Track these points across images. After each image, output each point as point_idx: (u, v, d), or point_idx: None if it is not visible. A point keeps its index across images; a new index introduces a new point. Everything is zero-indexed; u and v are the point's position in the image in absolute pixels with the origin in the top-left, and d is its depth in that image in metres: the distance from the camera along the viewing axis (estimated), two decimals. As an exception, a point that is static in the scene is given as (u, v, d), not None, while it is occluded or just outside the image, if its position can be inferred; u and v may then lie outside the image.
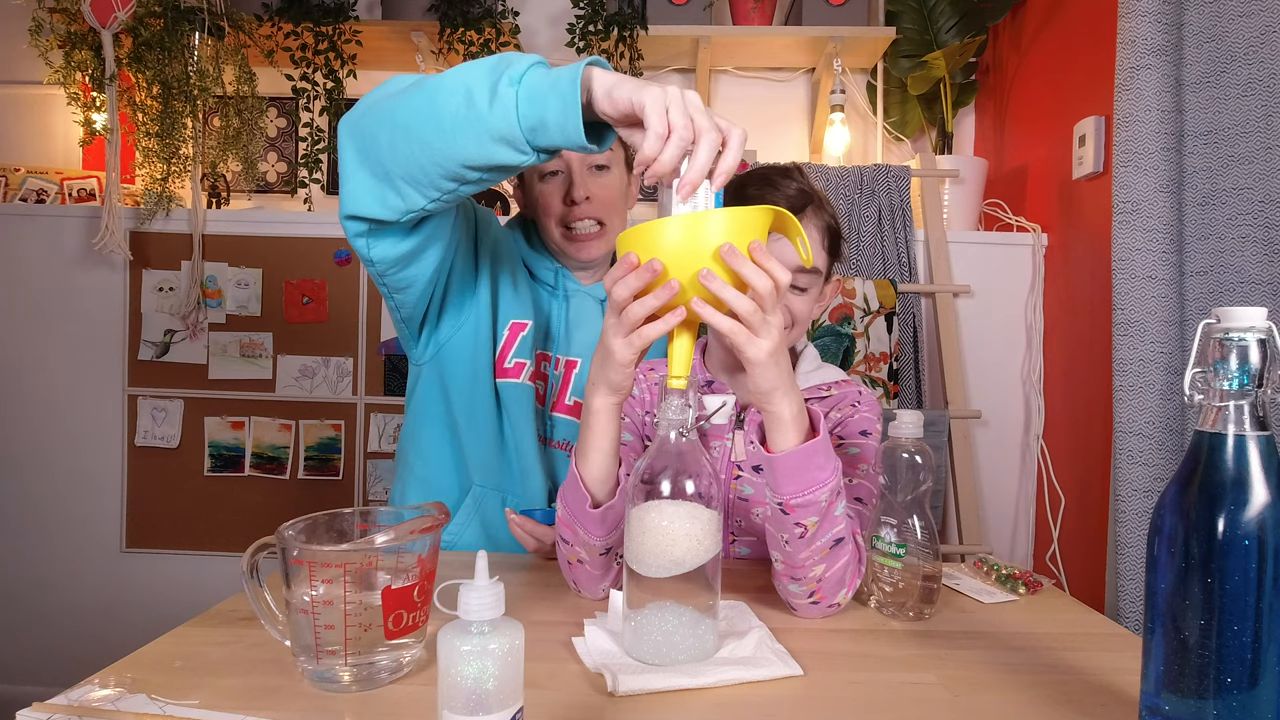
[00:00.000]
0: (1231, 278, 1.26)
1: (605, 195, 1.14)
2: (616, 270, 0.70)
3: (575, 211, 1.12)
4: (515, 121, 0.74)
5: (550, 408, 1.16)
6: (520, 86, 0.74)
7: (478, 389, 1.10)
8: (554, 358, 1.17)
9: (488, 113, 0.75)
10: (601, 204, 1.13)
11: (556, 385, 1.16)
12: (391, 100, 0.83)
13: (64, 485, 2.05)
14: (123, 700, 0.60)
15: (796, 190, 0.94)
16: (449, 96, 0.78)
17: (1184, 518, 0.53)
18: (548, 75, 0.74)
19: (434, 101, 0.79)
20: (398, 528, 0.69)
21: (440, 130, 0.78)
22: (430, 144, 0.80)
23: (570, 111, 0.72)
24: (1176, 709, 0.53)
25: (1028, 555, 2.00)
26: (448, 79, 0.79)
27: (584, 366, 1.17)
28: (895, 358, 1.92)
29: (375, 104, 0.85)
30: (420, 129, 0.80)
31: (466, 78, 0.77)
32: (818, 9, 2.10)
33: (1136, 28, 1.31)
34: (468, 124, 0.77)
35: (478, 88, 0.76)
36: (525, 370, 1.12)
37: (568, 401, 1.17)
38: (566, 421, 1.17)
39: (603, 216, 1.14)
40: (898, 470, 0.83)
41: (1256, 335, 0.52)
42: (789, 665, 0.69)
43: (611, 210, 1.15)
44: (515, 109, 0.74)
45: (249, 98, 2.07)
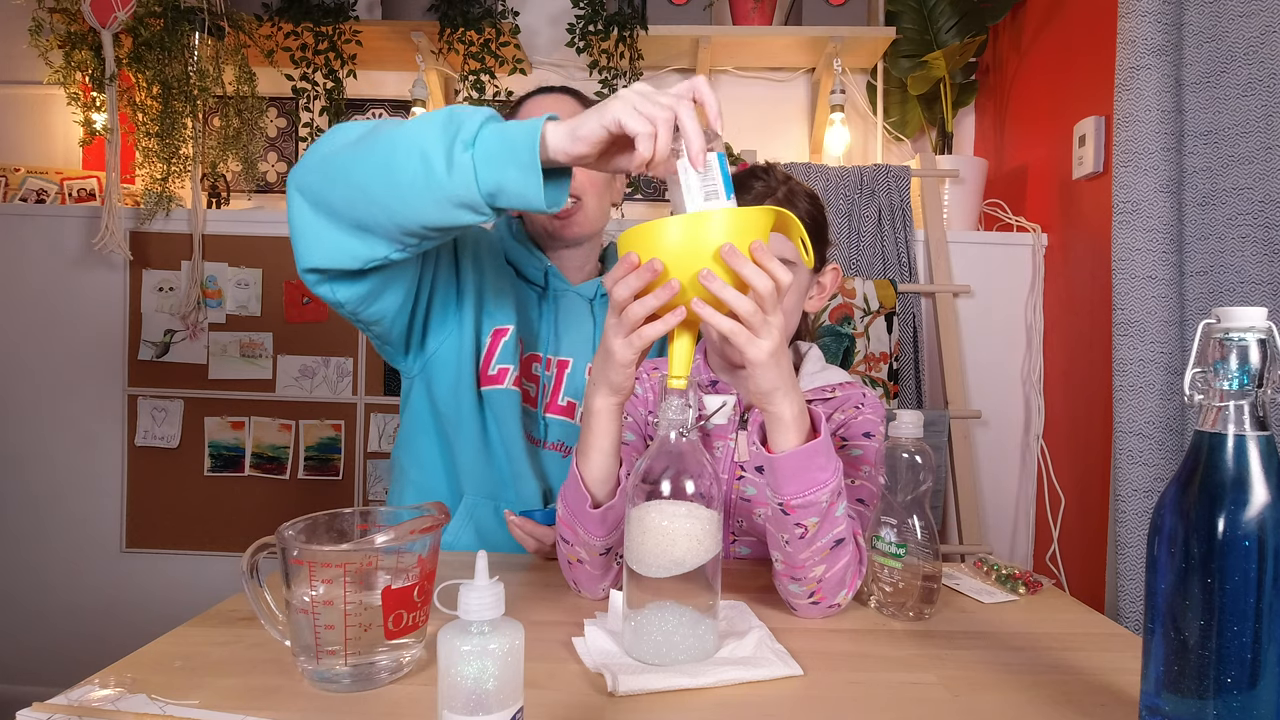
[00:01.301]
0: (1231, 278, 1.26)
1: (579, 173, 1.12)
2: (617, 270, 0.70)
3: None
4: (475, 188, 0.76)
5: (543, 409, 1.16)
6: (475, 151, 0.75)
7: (463, 399, 1.11)
8: (544, 358, 1.16)
9: (446, 180, 0.76)
10: (580, 178, 1.13)
11: (548, 386, 1.16)
12: (343, 157, 0.82)
13: (64, 485, 2.05)
14: (123, 700, 0.60)
15: (761, 188, 0.96)
16: (405, 160, 0.78)
17: (1184, 518, 0.53)
18: (502, 138, 0.75)
19: (389, 165, 0.79)
20: (398, 528, 0.69)
21: (399, 195, 0.79)
22: (389, 206, 0.80)
23: (530, 180, 0.74)
24: (1176, 709, 0.53)
25: (1028, 555, 2.00)
26: (400, 139, 0.78)
27: (575, 366, 1.17)
28: (895, 358, 1.92)
29: (326, 160, 0.84)
30: (377, 192, 0.80)
31: (420, 140, 0.77)
32: (818, 9, 2.10)
33: (1136, 28, 1.31)
34: (427, 190, 0.77)
35: (433, 152, 0.76)
36: (509, 375, 1.12)
37: (560, 402, 1.16)
38: (559, 422, 1.16)
39: (579, 192, 1.14)
40: (898, 470, 0.83)
41: (1256, 335, 0.52)
42: (789, 665, 0.69)
43: (588, 187, 1.15)
44: (474, 176, 0.75)
45: (249, 98, 2.07)
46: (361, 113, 2.41)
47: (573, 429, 1.16)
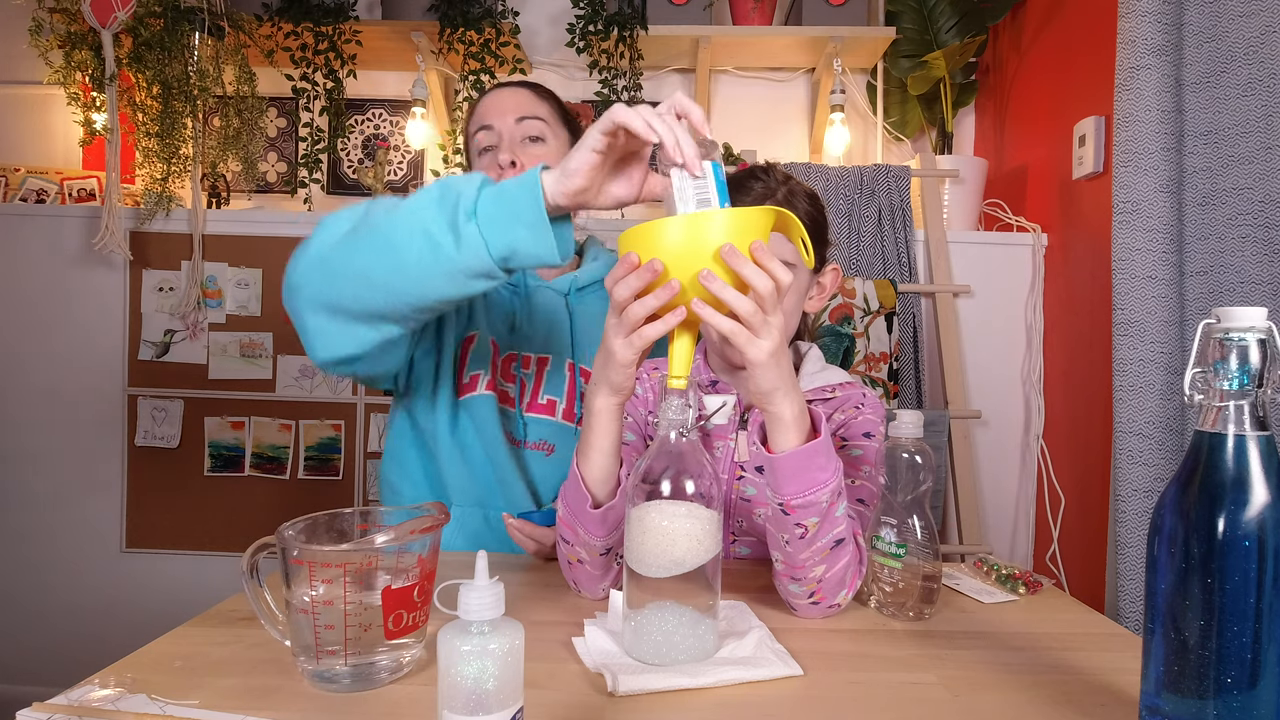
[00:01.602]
0: (1231, 278, 1.26)
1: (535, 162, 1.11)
2: (617, 270, 0.70)
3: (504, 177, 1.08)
4: (486, 256, 0.76)
5: (523, 408, 1.15)
6: (479, 219, 0.75)
7: (440, 412, 1.11)
8: (521, 356, 1.16)
9: (456, 254, 0.76)
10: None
11: (529, 385, 1.15)
12: (342, 253, 0.82)
13: (64, 485, 2.05)
14: (123, 700, 0.60)
15: (761, 188, 0.96)
16: (408, 241, 0.77)
17: (1184, 518, 0.53)
18: (503, 200, 0.75)
19: (393, 250, 0.78)
20: (398, 528, 0.69)
21: (409, 278, 0.79)
22: (401, 291, 0.81)
23: (541, 237, 0.75)
24: (1176, 709, 0.53)
25: (1028, 555, 2.00)
26: (398, 223, 0.78)
27: (554, 364, 1.16)
28: (895, 358, 1.92)
29: (324, 260, 0.84)
30: (386, 279, 0.80)
31: (420, 219, 0.77)
32: (818, 9, 2.10)
33: (1136, 28, 1.31)
34: (437, 267, 0.78)
35: (436, 228, 0.76)
36: (482, 380, 1.12)
37: (541, 400, 1.15)
38: (540, 421, 1.15)
39: None
40: (898, 470, 0.83)
41: (1256, 335, 0.52)
42: (789, 665, 0.69)
43: None
44: (484, 245, 0.75)
45: (249, 98, 2.07)
46: (361, 112, 2.41)
47: (555, 427, 1.15)
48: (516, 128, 1.14)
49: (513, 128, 1.14)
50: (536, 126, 1.15)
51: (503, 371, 1.15)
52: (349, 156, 2.42)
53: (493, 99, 1.17)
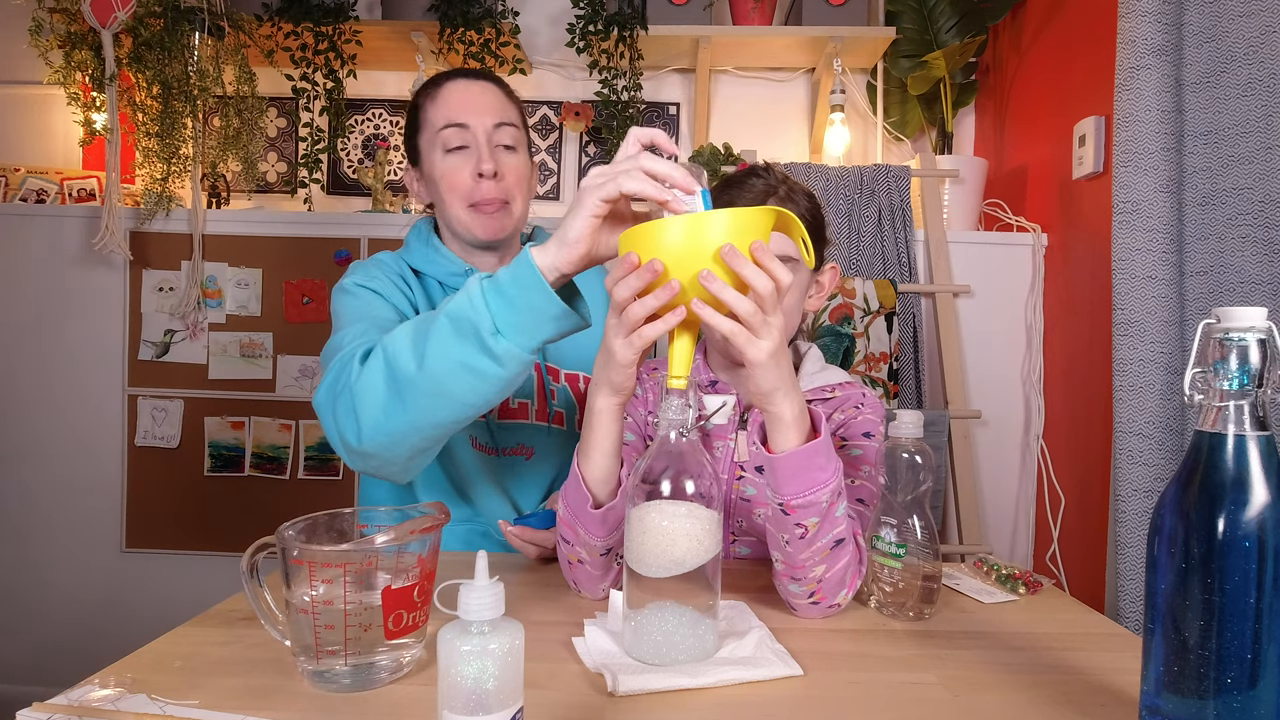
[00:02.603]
0: (1231, 278, 1.26)
1: (514, 175, 1.10)
2: (617, 270, 0.70)
3: (483, 186, 1.07)
4: (526, 358, 0.78)
5: (495, 416, 1.13)
6: (504, 335, 0.77)
7: None
8: None
9: (504, 372, 0.79)
10: (512, 182, 1.10)
11: None
12: (399, 414, 0.83)
13: (64, 485, 2.05)
14: (123, 700, 0.60)
15: (762, 186, 0.96)
16: (455, 382, 0.80)
17: (1184, 518, 0.53)
18: (516, 309, 0.76)
19: (445, 394, 0.81)
20: (398, 528, 0.69)
21: (471, 407, 0.82)
22: (465, 418, 0.84)
23: (565, 322, 0.77)
24: (1176, 709, 0.53)
25: (1028, 555, 2.00)
26: (437, 370, 0.79)
27: None
28: (895, 358, 1.92)
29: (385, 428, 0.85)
30: (451, 417, 0.83)
31: (453, 358, 0.78)
32: (818, 9, 2.10)
33: (1136, 28, 1.31)
34: (492, 389, 0.80)
35: (473, 360, 0.78)
36: None
37: (511, 405, 1.14)
38: (513, 426, 1.13)
39: (510, 195, 1.10)
40: (898, 470, 0.83)
41: (1256, 335, 0.52)
42: (789, 665, 0.69)
43: (517, 190, 1.11)
44: (520, 351, 0.77)
45: (249, 98, 2.07)
46: (361, 112, 2.41)
47: (530, 429, 1.14)
48: (494, 132, 1.09)
49: (490, 131, 1.08)
50: (511, 134, 1.10)
51: None
52: (349, 156, 2.42)
53: (464, 94, 1.10)
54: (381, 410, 0.84)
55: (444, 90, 1.10)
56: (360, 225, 2.05)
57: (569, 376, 1.18)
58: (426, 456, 0.92)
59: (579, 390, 1.18)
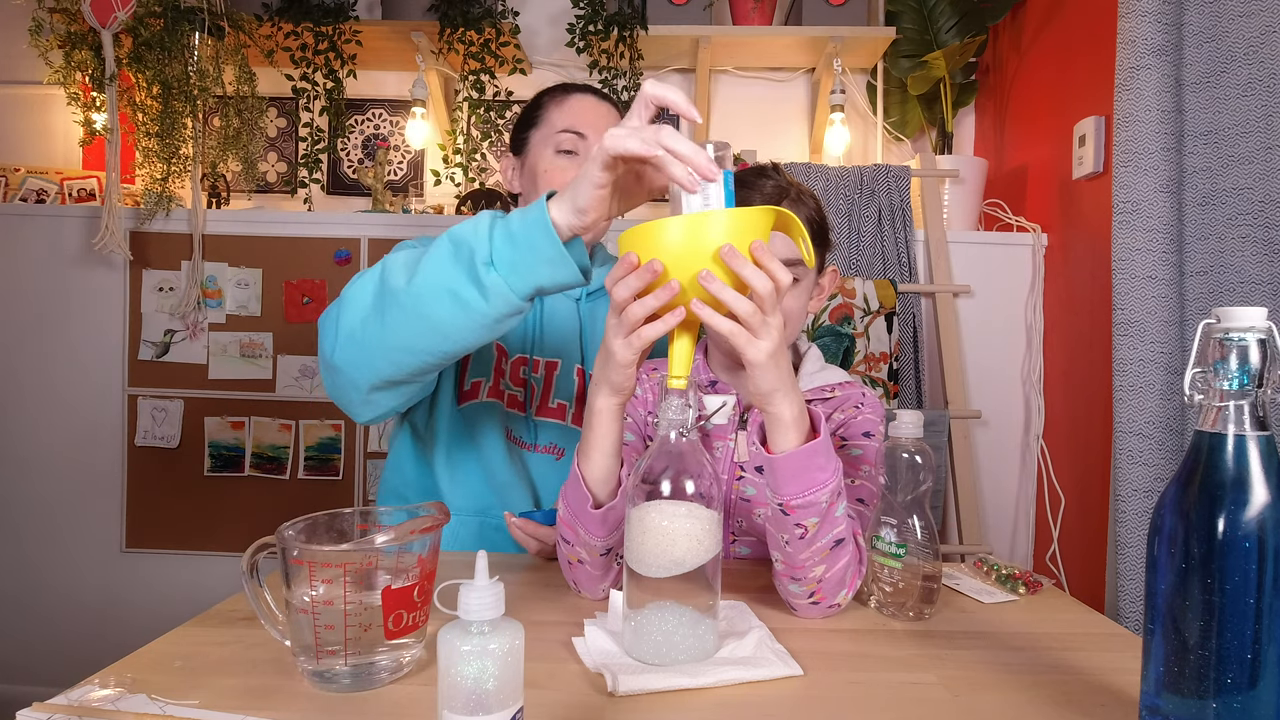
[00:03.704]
0: (1231, 278, 1.26)
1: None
2: (617, 270, 0.70)
3: None
4: (514, 299, 0.77)
5: (533, 412, 1.15)
6: (498, 267, 0.75)
7: (439, 420, 1.11)
8: (532, 360, 1.16)
9: (487, 307, 0.77)
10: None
11: (538, 389, 1.15)
12: (372, 329, 0.83)
13: (64, 485, 2.05)
14: (123, 700, 0.60)
15: (773, 187, 0.95)
16: (436, 307, 0.78)
17: (1184, 518, 0.53)
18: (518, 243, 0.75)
19: (423, 316, 0.79)
20: (398, 528, 0.69)
21: (446, 338, 0.81)
22: (439, 349, 0.82)
23: (562, 270, 0.75)
24: (1176, 709, 0.53)
25: (1028, 555, 2.00)
26: (423, 289, 0.78)
27: (563, 368, 1.16)
28: (895, 358, 1.92)
29: (358, 337, 0.85)
30: (424, 344, 0.82)
31: (441, 280, 0.77)
32: (818, 9, 2.10)
33: (1136, 28, 1.31)
34: (470, 322, 0.79)
35: (460, 287, 0.77)
36: (483, 387, 1.12)
37: (551, 405, 1.15)
38: (551, 425, 1.15)
39: None
40: (898, 470, 0.83)
41: (1256, 335, 0.52)
42: (789, 665, 0.69)
43: None
44: (509, 290, 0.76)
45: (249, 98, 2.07)
46: (361, 112, 2.41)
47: (564, 431, 1.16)
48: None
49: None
50: None
51: (512, 375, 1.15)
52: (349, 156, 2.42)
53: (591, 109, 1.15)
54: (360, 321, 0.84)
55: (573, 99, 1.16)
56: (360, 225, 2.05)
57: None
58: (390, 397, 0.91)
59: None
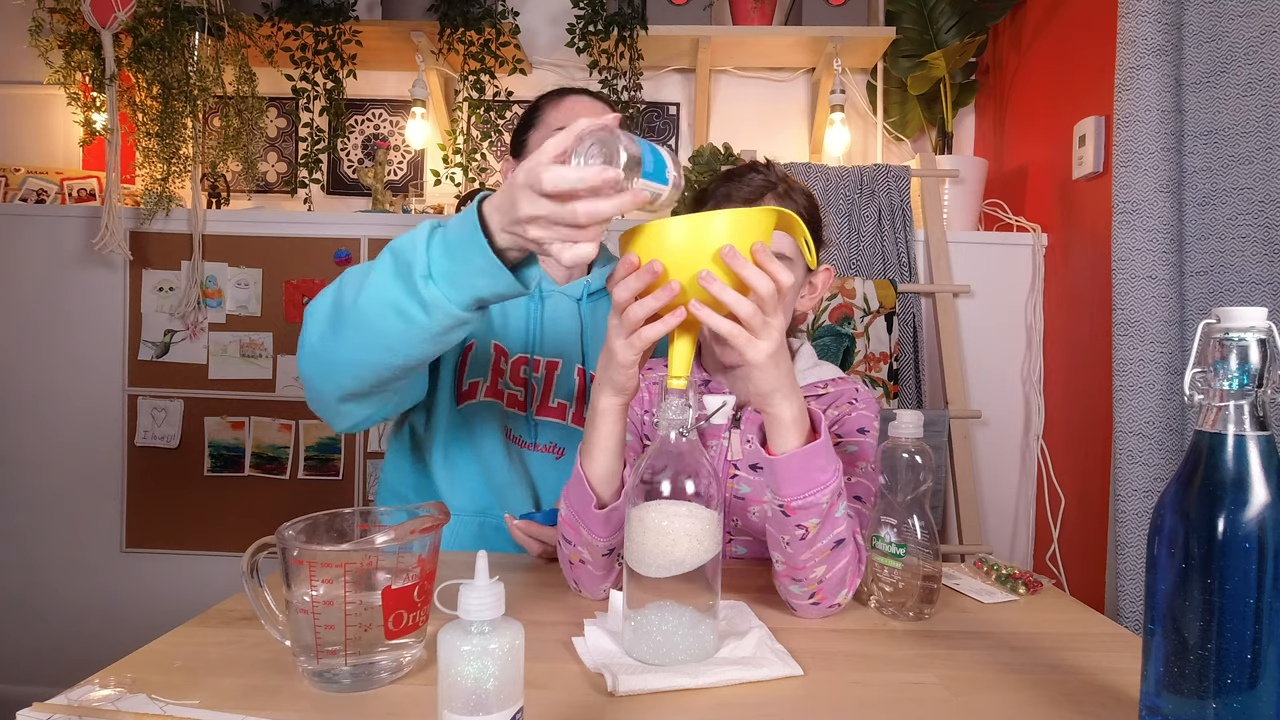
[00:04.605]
0: (1231, 278, 1.26)
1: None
2: (617, 271, 0.70)
3: None
4: (455, 311, 0.76)
5: (534, 411, 1.15)
6: (435, 280, 0.75)
7: (438, 420, 1.12)
8: (533, 360, 1.16)
9: (429, 321, 0.77)
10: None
11: (538, 388, 1.15)
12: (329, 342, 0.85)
13: (64, 485, 2.05)
14: (123, 700, 0.60)
15: (761, 181, 0.95)
16: (381, 322, 0.79)
17: (1184, 518, 0.53)
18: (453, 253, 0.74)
19: (370, 330, 0.80)
20: (398, 528, 0.69)
21: (396, 352, 0.82)
22: (392, 363, 0.83)
23: (499, 279, 0.73)
24: (1176, 709, 0.53)
25: (1028, 555, 2.00)
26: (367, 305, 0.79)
27: (564, 368, 1.16)
28: (895, 358, 1.92)
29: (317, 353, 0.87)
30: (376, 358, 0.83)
31: (384, 295, 0.78)
32: (818, 9, 2.10)
33: (1136, 28, 1.31)
34: (415, 336, 0.79)
35: (402, 301, 0.77)
36: (481, 387, 1.12)
37: (551, 404, 1.15)
38: (551, 424, 1.16)
39: None
40: (898, 470, 0.83)
41: (1256, 335, 0.52)
42: (789, 665, 0.69)
43: None
44: (449, 302, 0.75)
45: (249, 98, 2.07)
46: (361, 112, 2.41)
47: (565, 430, 1.16)
48: None
49: None
50: None
51: (512, 375, 1.15)
52: (349, 156, 2.42)
53: (585, 107, 1.15)
54: (319, 337, 0.86)
55: (569, 100, 1.17)
56: (360, 225, 2.05)
57: None
58: (359, 407, 0.93)
59: None
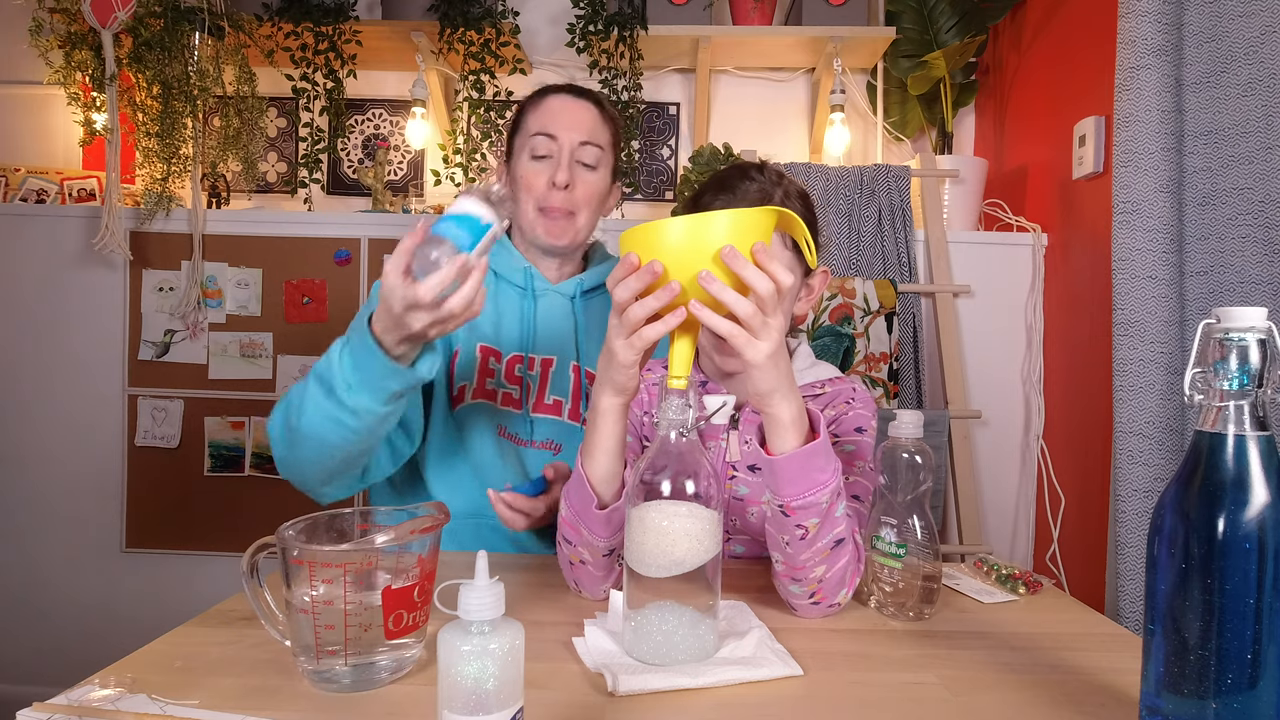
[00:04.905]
0: (1231, 278, 1.26)
1: (586, 190, 1.15)
2: (618, 271, 0.70)
3: (554, 195, 1.13)
4: (380, 410, 0.89)
5: (530, 408, 1.16)
6: (354, 389, 0.87)
7: (434, 427, 1.12)
8: (528, 358, 1.16)
9: (360, 424, 0.89)
10: (581, 196, 1.15)
11: (533, 386, 1.16)
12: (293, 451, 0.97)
13: (64, 485, 2.05)
14: (123, 700, 0.60)
15: (757, 191, 0.94)
16: (325, 429, 0.90)
17: (1184, 518, 0.53)
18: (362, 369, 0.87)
19: (320, 439, 0.92)
20: (398, 528, 0.69)
21: (345, 449, 0.93)
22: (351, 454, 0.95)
23: (404, 377, 0.87)
24: (1176, 709, 0.53)
25: (1028, 555, 2.00)
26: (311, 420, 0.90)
27: (559, 365, 1.17)
28: (895, 358, 1.92)
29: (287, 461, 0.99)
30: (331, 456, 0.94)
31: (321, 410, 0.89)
32: (818, 9, 2.10)
33: (1136, 28, 1.31)
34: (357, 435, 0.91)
35: (335, 412, 0.88)
36: (468, 391, 1.13)
37: (547, 400, 1.16)
38: (547, 421, 1.16)
39: (577, 207, 1.15)
40: (898, 470, 0.83)
41: (1256, 335, 0.52)
42: (789, 665, 0.69)
43: (586, 205, 1.16)
44: (373, 403, 0.87)
45: (249, 98, 2.06)
46: (361, 112, 2.41)
47: (561, 426, 1.16)
48: (578, 149, 1.14)
49: (574, 147, 1.14)
50: (594, 154, 1.15)
51: (507, 374, 1.15)
52: (349, 156, 2.42)
53: (562, 106, 1.16)
54: (282, 455, 0.99)
55: (547, 100, 1.17)
56: (360, 225, 2.05)
57: None
58: (340, 487, 1.02)
59: None
